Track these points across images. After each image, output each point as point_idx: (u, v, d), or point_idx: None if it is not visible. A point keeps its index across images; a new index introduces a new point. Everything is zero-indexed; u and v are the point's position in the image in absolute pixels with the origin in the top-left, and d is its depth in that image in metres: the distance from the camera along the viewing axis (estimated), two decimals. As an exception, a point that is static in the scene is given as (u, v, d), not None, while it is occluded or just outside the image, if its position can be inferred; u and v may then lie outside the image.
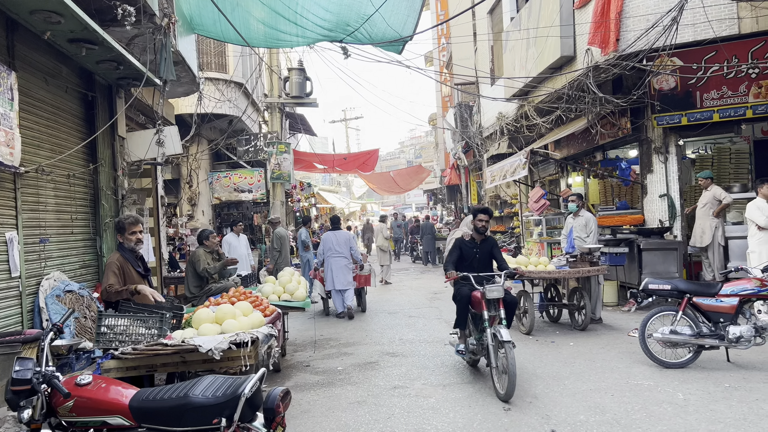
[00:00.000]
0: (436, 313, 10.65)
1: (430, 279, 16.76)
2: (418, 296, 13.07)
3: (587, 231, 8.88)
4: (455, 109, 23.03)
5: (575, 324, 8.49)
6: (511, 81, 14.13)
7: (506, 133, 15.98)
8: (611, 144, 12.72)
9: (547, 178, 16.54)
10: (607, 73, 10.30)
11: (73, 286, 6.00)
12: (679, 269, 10.02)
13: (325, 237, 11.61)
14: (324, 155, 24.34)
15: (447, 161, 29.30)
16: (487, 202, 22.82)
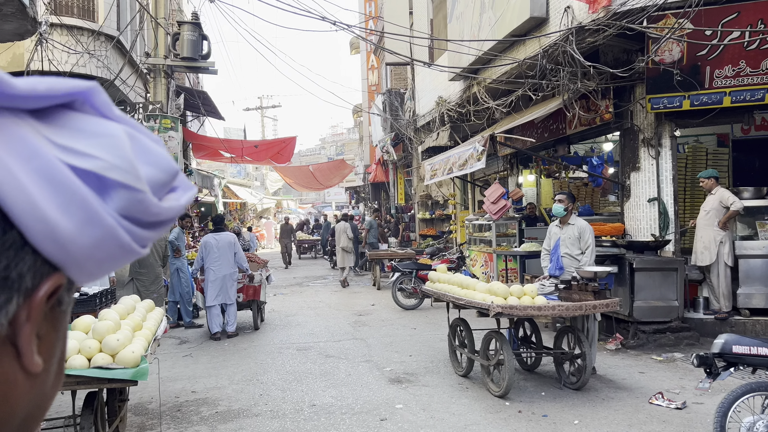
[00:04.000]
0: (363, 350, 7.81)
1: (352, 292, 13.91)
2: (337, 320, 10.18)
3: (582, 245, 6.32)
4: (384, 96, 20.34)
5: (565, 379, 5.91)
6: (458, 57, 11.55)
7: (447, 122, 13.40)
8: (580, 135, 10.38)
9: (492, 175, 14.13)
10: (596, 36, 7.86)
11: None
12: (679, 295, 7.72)
13: (204, 241, 8.93)
14: (231, 141, 20.86)
15: (372, 156, 26.60)
16: (417, 202, 20.31)
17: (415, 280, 10.93)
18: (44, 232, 0.42)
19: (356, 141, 51.40)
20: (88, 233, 0.44)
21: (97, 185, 0.44)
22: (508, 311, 5.19)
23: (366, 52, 27.56)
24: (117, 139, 0.46)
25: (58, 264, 0.45)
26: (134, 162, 0.46)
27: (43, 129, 0.44)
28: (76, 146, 0.44)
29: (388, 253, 14.97)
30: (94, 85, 0.47)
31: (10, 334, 0.43)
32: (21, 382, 0.44)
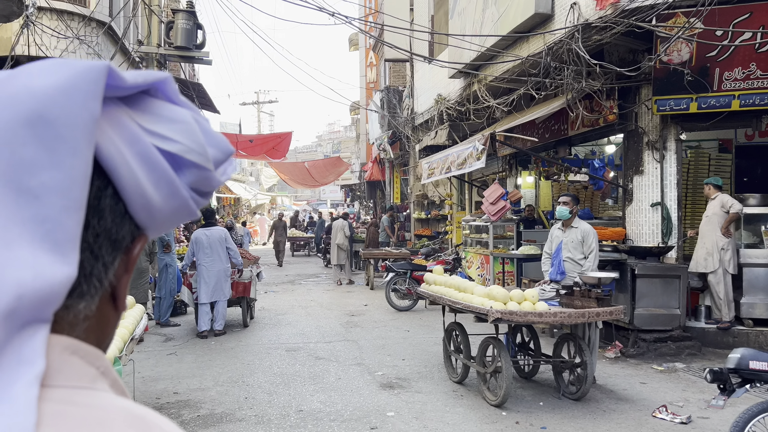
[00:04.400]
0: (354, 353, 7.54)
1: (345, 292, 13.64)
2: (329, 320, 9.91)
3: (585, 249, 6.06)
4: (382, 93, 20.06)
5: (564, 389, 5.66)
6: (459, 54, 11.29)
7: (446, 120, 13.15)
8: (582, 136, 10.15)
9: (491, 176, 13.87)
10: (603, 34, 7.61)
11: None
12: (681, 304, 7.49)
13: (195, 236, 8.65)
14: (225, 135, 20.54)
15: (369, 154, 26.31)
16: (412, 202, 20.05)
17: (410, 281, 10.67)
18: (142, 204, 0.52)
19: (353, 139, 51.06)
20: (170, 204, 0.54)
21: (175, 164, 0.53)
22: (507, 317, 4.94)
23: (365, 49, 27.27)
24: (190, 125, 0.54)
25: (144, 226, 0.55)
26: (206, 146, 0.55)
27: (133, 114, 0.52)
28: (160, 131, 0.52)
29: (382, 252, 14.71)
30: (168, 75, 0.54)
31: (112, 287, 0.54)
32: (113, 317, 0.56)
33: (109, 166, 0.49)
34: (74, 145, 0.45)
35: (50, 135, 0.44)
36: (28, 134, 0.44)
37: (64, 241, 0.45)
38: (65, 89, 0.45)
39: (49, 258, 0.43)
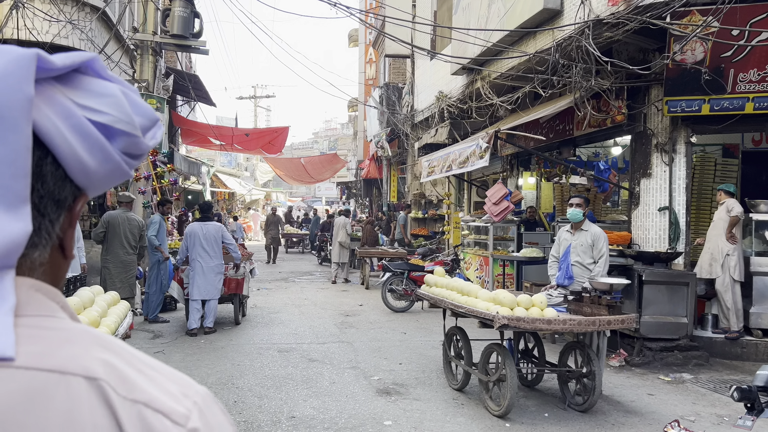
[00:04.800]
0: (349, 355, 7.25)
1: (340, 290, 13.35)
2: (323, 319, 9.62)
3: (594, 254, 5.79)
4: (381, 89, 19.76)
5: (570, 399, 5.39)
6: (463, 49, 11.01)
7: (447, 118, 12.87)
8: (587, 137, 9.90)
9: (491, 176, 13.61)
10: (614, 31, 7.35)
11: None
12: (689, 312, 7.24)
13: (189, 229, 8.34)
14: (221, 128, 20.18)
15: (366, 152, 26.01)
16: (410, 201, 19.79)
17: (407, 282, 10.39)
18: (79, 169, 0.61)
19: (350, 137, 50.68)
20: (104, 167, 0.63)
21: (106, 133, 0.62)
22: (514, 323, 4.66)
23: (364, 45, 26.96)
24: (118, 98, 0.63)
25: (83, 188, 0.64)
26: (132, 115, 0.63)
27: (66, 91, 0.61)
28: (91, 104, 0.61)
29: (378, 251, 14.43)
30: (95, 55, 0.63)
31: (60, 239, 0.64)
32: (63, 264, 0.66)
33: (47, 139, 0.58)
34: (13, 123, 0.55)
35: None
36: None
37: (16, 202, 0.55)
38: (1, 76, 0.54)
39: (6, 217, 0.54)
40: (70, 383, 0.54)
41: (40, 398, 0.53)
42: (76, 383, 0.54)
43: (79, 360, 0.56)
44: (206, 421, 0.60)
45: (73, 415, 0.53)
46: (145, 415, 0.56)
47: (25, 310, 0.57)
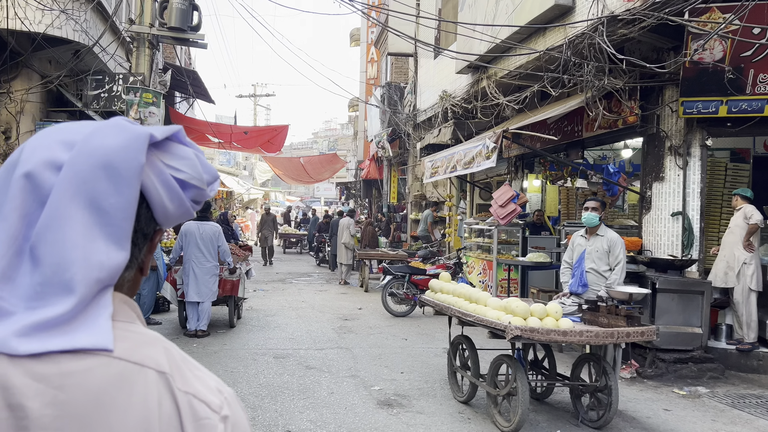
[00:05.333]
0: (348, 362, 6.93)
1: (338, 293, 13.02)
2: (321, 324, 9.29)
3: (611, 260, 5.48)
4: (383, 89, 19.46)
5: (583, 414, 5.07)
6: (469, 46, 10.70)
7: (451, 118, 12.56)
8: (596, 139, 9.60)
9: (495, 177, 13.31)
10: (630, 28, 7.05)
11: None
12: (704, 322, 6.93)
13: (185, 228, 8.01)
14: (219, 125, 19.82)
15: (366, 152, 25.70)
16: (410, 202, 19.48)
17: (408, 285, 10.07)
18: (162, 212, 0.81)
19: (350, 137, 50.32)
20: (179, 211, 0.83)
21: (183, 186, 0.81)
22: (528, 335, 4.34)
23: (366, 45, 26.68)
24: (193, 161, 0.83)
25: (161, 224, 0.84)
26: (202, 174, 0.84)
27: (159, 155, 0.80)
28: (175, 164, 0.81)
29: (378, 253, 14.12)
30: (180, 127, 0.83)
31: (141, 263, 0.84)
32: (140, 280, 0.86)
33: (145, 191, 0.78)
34: (129, 181, 0.75)
35: (115, 175, 0.74)
36: (102, 174, 0.74)
37: (122, 238, 0.75)
38: (124, 147, 0.75)
39: (114, 248, 0.74)
40: (147, 374, 0.74)
41: (127, 381, 0.72)
42: (151, 374, 0.74)
43: (153, 357, 0.75)
44: (233, 412, 0.80)
45: (148, 396, 0.73)
46: (193, 403, 0.76)
47: (117, 316, 0.76)
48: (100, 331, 0.72)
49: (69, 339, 0.70)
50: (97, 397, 0.70)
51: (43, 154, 0.74)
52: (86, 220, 0.72)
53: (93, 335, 0.71)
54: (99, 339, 0.71)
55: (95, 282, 0.72)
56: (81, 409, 0.69)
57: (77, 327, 0.71)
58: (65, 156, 0.73)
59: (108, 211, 0.73)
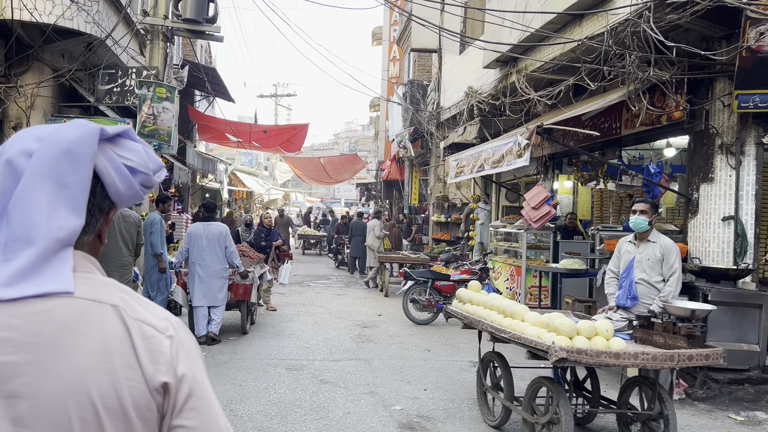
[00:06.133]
0: (366, 376, 6.37)
1: (357, 297, 12.49)
2: (338, 331, 8.76)
3: (665, 270, 4.84)
4: (405, 87, 18.90)
5: (633, 445, 4.45)
6: (499, 37, 10.08)
7: (477, 115, 11.95)
8: (635, 137, 8.92)
9: (522, 178, 12.66)
10: (680, 12, 6.40)
11: None
12: (761, 339, 6.24)
13: (191, 230, 7.58)
14: (238, 124, 19.45)
15: (387, 152, 25.16)
16: (432, 204, 18.89)
17: (431, 291, 9.49)
18: (115, 191, 1.02)
19: (370, 138, 49.77)
20: (129, 192, 1.04)
21: (132, 172, 1.03)
22: (575, 357, 3.74)
23: (388, 43, 26.16)
24: (140, 152, 1.05)
25: (116, 202, 1.05)
26: (148, 163, 1.05)
27: (112, 147, 1.02)
28: (125, 155, 1.03)
29: (399, 257, 13.55)
30: (129, 126, 1.07)
31: (99, 230, 1.05)
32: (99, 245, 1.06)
33: (100, 173, 1.00)
34: (84, 164, 0.96)
35: (74, 159, 0.96)
36: (64, 159, 0.95)
37: (79, 208, 0.96)
38: (81, 137, 0.97)
39: (72, 215, 0.95)
40: (103, 307, 0.94)
41: (87, 313, 0.93)
42: (106, 308, 0.94)
43: (108, 296, 0.96)
44: (178, 333, 0.99)
45: (104, 324, 0.93)
46: (142, 326, 0.95)
47: (78, 268, 0.97)
48: (63, 279, 0.93)
49: (39, 286, 0.91)
50: (63, 326, 0.91)
51: (19, 145, 0.97)
52: (51, 193, 0.94)
53: (57, 282, 0.92)
54: (62, 284, 0.92)
55: (55, 240, 0.93)
56: (52, 336, 0.90)
57: (45, 277, 0.92)
58: (36, 146, 0.96)
59: (68, 186, 0.95)
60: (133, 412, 0.90)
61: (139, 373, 0.91)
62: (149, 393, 0.91)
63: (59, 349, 0.89)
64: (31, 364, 0.88)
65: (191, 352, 0.99)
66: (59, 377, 0.88)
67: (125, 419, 0.89)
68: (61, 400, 0.87)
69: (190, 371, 0.96)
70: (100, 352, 0.90)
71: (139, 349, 0.92)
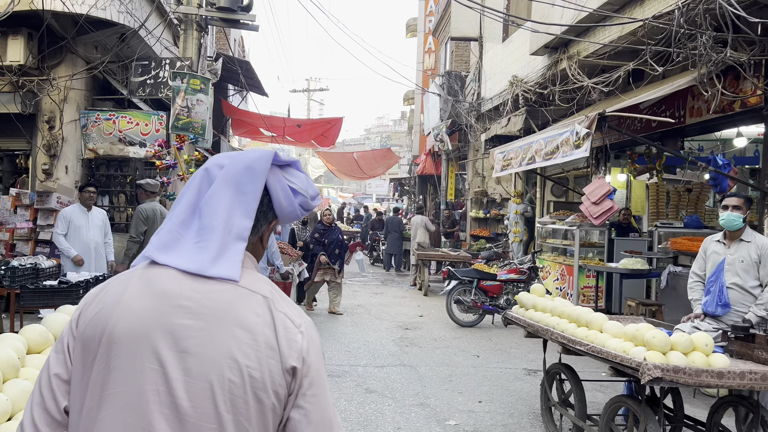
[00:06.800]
0: (414, 385, 5.90)
1: (396, 296, 12.02)
2: (379, 333, 8.31)
3: (763, 275, 4.24)
4: (442, 78, 18.32)
5: (729, 476, 3.87)
6: (545, 28, 9.46)
7: (522, 105, 11.34)
8: (700, 126, 8.23)
9: (571, 171, 12.01)
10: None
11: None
12: None
13: None
14: (271, 118, 19.11)
15: (422, 146, 24.61)
16: (470, 199, 18.32)
17: (476, 292, 8.96)
18: (278, 206, 1.27)
19: (402, 132, 49.22)
20: (290, 209, 1.28)
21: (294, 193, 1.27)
22: (671, 376, 3.19)
23: (423, 34, 25.58)
24: (304, 179, 1.30)
25: (278, 216, 1.28)
26: (308, 188, 1.30)
27: (282, 172, 1.28)
28: (291, 179, 1.28)
29: (439, 254, 13.04)
30: (296, 160, 1.34)
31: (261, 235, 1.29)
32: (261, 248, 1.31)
33: (270, 188, 1.25)
34: (259, 177, 1.22)
35: (252, 173, 1.21)
36: (245, 172, 1.21)
37: (250, 211, 1.20)
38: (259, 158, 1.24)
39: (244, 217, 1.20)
40: (257, 297, 1.17)
41: (245, 298, 1.15)
42: (259, 297, 1.17)
43: (261, 288, 1.19)
44: (308, 331, 1.19)
45: (257, 309, 1.15)
46: (283, 318, 1.16)
47: (244, 263, 1.20)
48: (233, 269, 1.16)
49: (216, 270, 1.15)
50: (228, 306, 1.13)
51: (215, 160, 1.26)
52: (232, 197, 1.20)
53: (230, 270, 1.16)
54: (232, 273, 1.16)
55: (230, 232, 1.18)
56: (219, 312, 1.12)
57: (222, 265, 1.16)
58: (227, 161, 1.24)
59: (245, 193, 1.21)
60: (269, 383, 1.10)
61: (276, 353, 1.12)
62: (282, 372, 1.12)
63: (223, 322, 1.11)
64: (202, 330, 1.10)
65: (317, 349, 1.20)
66: (220, 344, 1.09)
67: (263, 387, 1.10)
68: (219, 361, 1.09)
69: (315, 364, 1.17)
70: (251, 330, 1.12)
71: (280, 334, 1.14)
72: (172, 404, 1.07)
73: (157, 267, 1.16)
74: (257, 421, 1.09)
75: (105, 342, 1.11)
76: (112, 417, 1.07)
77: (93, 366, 1.11)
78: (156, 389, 1.07)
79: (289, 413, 1.12)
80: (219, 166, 1.22)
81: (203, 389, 1.07)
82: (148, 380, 1.07)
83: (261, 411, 1.09)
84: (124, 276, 1.19)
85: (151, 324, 1.10)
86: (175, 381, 1.07)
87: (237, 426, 1.07)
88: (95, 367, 1.11)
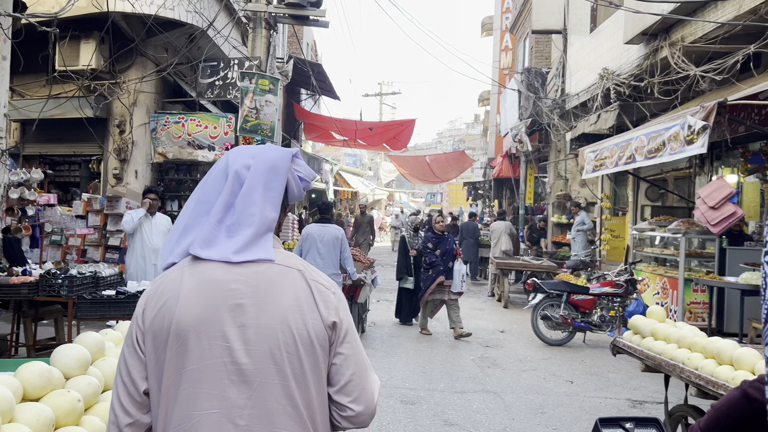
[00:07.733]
0: (500, 416, 5.13)
1: (473, 308, 11.21)
2: (457, 351, 7.58)
3: None
4: (521, 75, 17.32)
5: None
6: (644, 5, 8.43)
7: (615, 100, 10.27)
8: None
9: (671, 173, 10.81)
10: None
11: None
12: None
13: (306, 231, 6.89)
14: (343, 121, 18.71)
15: (499, 148, 23.58)
16: (552, 203, 17.19)
17: (566, 307, 8.05)
18: (291, 194, 1.53)
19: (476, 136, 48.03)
20: (298, 193, 1.54)
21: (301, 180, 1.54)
22: None
23: (500, 32, 24.57)
24: (305, 166, 1.56)
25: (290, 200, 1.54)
26: (309, 173, 1.56)
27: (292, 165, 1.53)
28: (298, 169, 1.54)
29: (519, 263, 12.13)
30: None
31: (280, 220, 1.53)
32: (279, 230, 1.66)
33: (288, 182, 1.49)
34: (284, 174, 1.48)
35: (277, 171, 1.47)
36: (271, 171, 1.46)
37: (277, 205, 1.46)
38: (281, 157, 1.49)
39: (274, 210, 1.46)
40: (292, 271, 1.42)
41: (284, 274, 1.41)
42: (294, 271, 1.43)
43: (294, 263, 1.45)
44: (337, 292, 1.47)
45: (295, 282, 1.41)
46: (317, 285, 1.44)
47: (275, 245, 1.44)
48: (268, 251, 1.41)
49: (254, 254, 1.39)
50: (271, 282, 1.39)
51: (241, 161, 1.45)
52: (263, 194, 1.43)
53: (265, 253, 1.40)
54: (268, 254, 1.40)
55: (263, 225, 1.42)
56: (265, 288, 1.38)
57: (258, 249, 1.40)
58: (251, 162, 1.45)
59: (273, 189, 1.44)
60: (316, 341, 1.39)
61: (317, 314, 1.41)
62: (324, 329, 1.40)
63: (270, 296, 1.38)
64: (253, 306, 1.36)
65: (346, 304, 1.51)
66: (271, 314, 1.36)
67: (312, 345, 1.38)
68: (272, 329, 1.36)
69: (347, 317, 1.47)
70: (294, 299, 1.39)
71: (317, 299, 1.42)
72: (238, 371, 1.33)
73: (202, 262, 1.40)
74: (311, 371, 1.38)
75: (174, 331, 1.34)
76: (189, 391, 1.32)
77: (165, 351, 1.34)
78: (223, 361, 1.33)
79: (333, 359, 1.43)
80: (245, 167, 1.45)
81: (263, 353, 1.34)
82: (216, 355, 1.33)
83: (312, 362, 1.38)
84: (175, 273, 1.42)
85: (212, 310, 1.35)
86: (238, 351, 1.34)
87: (295, 378, 1.36)
88: (168, 352, 1.34)
